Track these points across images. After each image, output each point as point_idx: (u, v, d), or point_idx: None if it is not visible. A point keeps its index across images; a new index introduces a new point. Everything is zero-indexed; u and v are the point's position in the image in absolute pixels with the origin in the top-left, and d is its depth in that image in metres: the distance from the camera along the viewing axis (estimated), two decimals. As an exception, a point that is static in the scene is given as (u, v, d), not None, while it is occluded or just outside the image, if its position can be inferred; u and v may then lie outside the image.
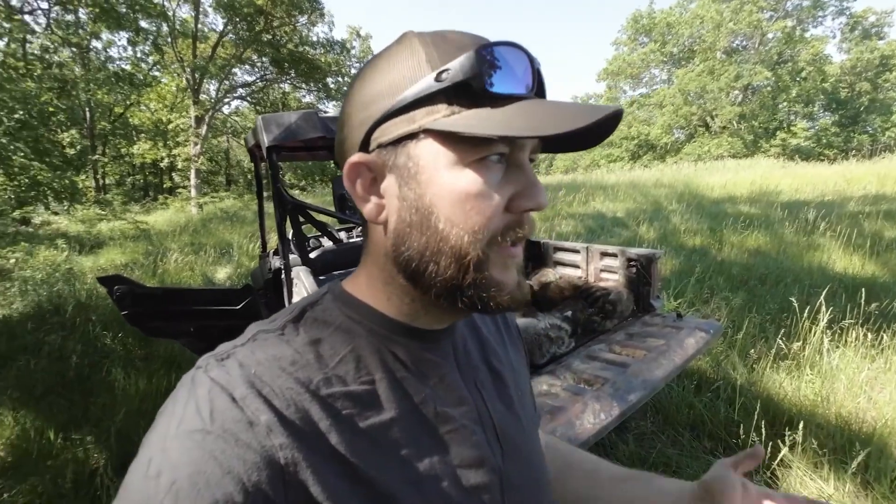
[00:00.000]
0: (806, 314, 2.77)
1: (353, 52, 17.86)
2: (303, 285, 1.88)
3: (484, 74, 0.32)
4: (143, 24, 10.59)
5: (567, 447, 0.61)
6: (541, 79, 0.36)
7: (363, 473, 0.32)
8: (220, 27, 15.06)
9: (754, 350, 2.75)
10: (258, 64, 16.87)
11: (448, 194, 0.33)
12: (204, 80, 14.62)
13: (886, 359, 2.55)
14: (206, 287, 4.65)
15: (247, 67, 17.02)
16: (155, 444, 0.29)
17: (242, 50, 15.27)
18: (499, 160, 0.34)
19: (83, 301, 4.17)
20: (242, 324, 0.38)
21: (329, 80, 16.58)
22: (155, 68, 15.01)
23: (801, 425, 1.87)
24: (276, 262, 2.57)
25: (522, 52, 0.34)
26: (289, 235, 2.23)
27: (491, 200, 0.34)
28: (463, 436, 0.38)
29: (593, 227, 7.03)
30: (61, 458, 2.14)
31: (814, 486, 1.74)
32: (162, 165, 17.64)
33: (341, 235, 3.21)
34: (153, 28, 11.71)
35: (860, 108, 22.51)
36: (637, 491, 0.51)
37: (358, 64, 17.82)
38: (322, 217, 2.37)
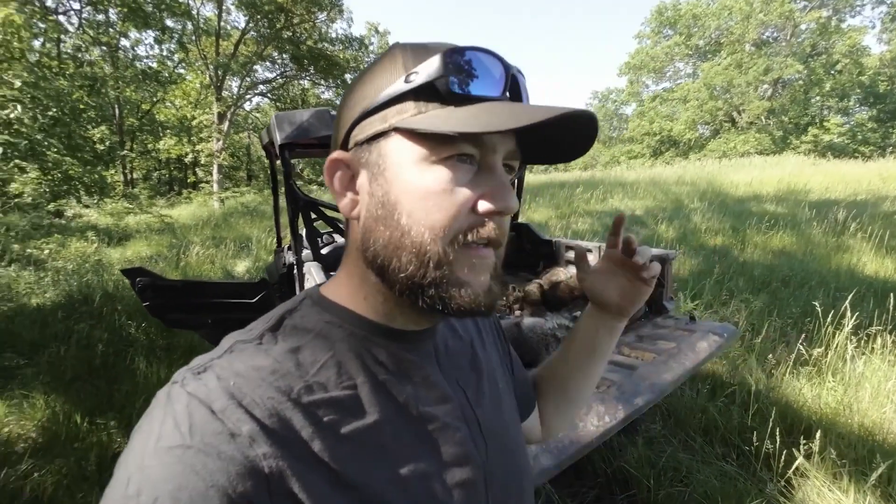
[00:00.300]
0: (830, 319, 2.66)
1: (372, 49, 17.93)
2: (314, 281, 1.91)
3: (449, 76, 0.33)
4: (169, 23, 10.95)
5: (542, 370, 0.66)
6: (517, 84, 0.37)
7: (349, 479, 0.32)
8: (242, 25, 15.41)
9: (773, 355, 2.67)
10: (278, 61, 17.18)
11: (413, 190, 0.34)
12: (226, 77, 15.00)
13: (916, 367, 2.44)
14: (224, 280, 4.78)
15: (267, 64, 17.36)
16: (132, 463, 0.28)
17: (263, 47, 15.57)
18: (468, 161, 0.35)
19: (110, 291, 4.34)
20: (258, 317, 0.39)
21: (347, 77, 16.70)
22: (180, 66, 15.45)
23: (820, 434, 1.81)
24: (291, 258, 2.62)
25: (495, 59, 0.35)
26: (301, 232, 2.27)
27: (454, 198, 0.34)
28: (447, 434, 0.39)
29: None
30: (87, 442, 2.25)
31: (832, 498, 1.69)
32: (186, 161, 18.19)
33: None
34: (178, 26, 12.08)
35: (901, 102, 21.37)
36: (575, 346, 0.60)
37: (376, 60, 17.83)
38: (334, 214, 2.40)
